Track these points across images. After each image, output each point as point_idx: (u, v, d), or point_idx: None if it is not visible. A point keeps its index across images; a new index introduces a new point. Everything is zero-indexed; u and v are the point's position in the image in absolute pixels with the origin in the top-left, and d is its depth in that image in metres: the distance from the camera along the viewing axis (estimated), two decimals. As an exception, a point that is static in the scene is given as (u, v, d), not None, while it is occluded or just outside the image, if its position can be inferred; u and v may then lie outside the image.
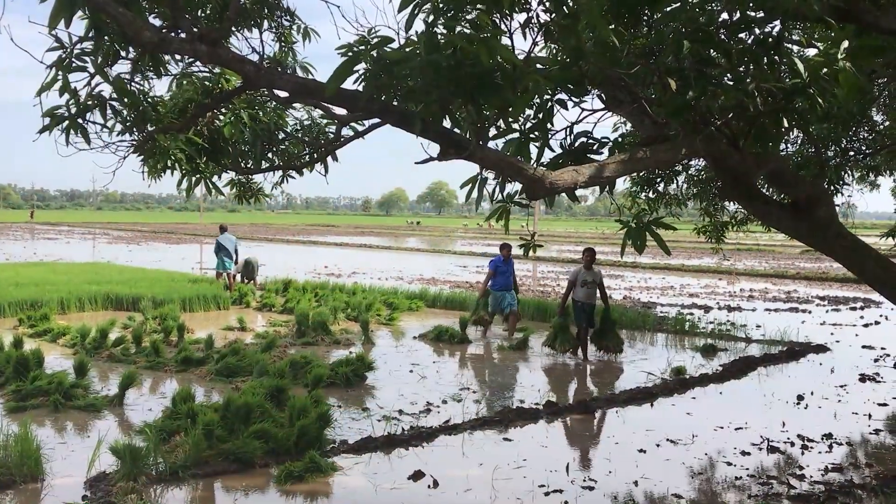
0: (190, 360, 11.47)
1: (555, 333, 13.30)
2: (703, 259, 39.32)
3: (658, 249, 4.51)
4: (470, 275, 29.01)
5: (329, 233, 71.36)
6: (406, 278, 26.68)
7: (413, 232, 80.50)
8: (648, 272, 32.36)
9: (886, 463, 7.92)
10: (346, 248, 47.59)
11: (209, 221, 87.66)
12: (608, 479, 7.25)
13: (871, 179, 13.35)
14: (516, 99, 4.48)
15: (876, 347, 14.72)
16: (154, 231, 67.02)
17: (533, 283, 26.30)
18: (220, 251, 20.24)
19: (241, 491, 6.83)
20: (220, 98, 5.56)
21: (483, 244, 53.12)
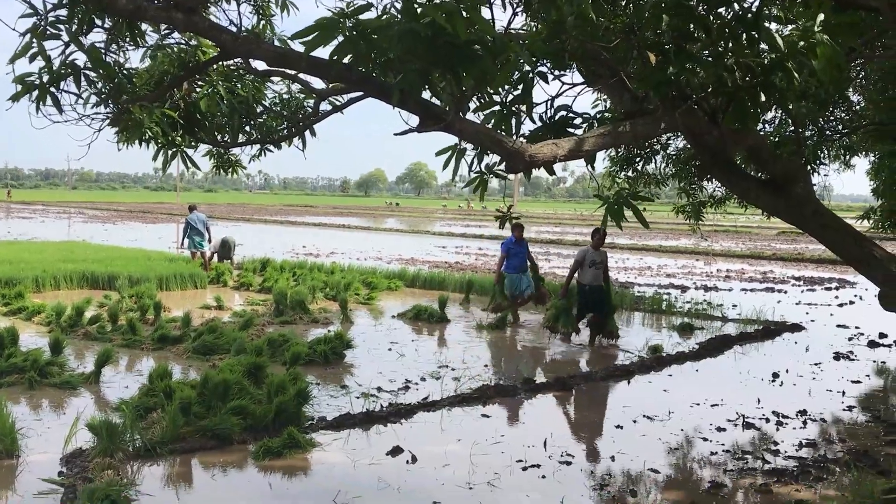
0: (167, 338, 11.40)
1: (557, 314, 12.82)
2: (680, 240, 39.55)
3: (636, 230, 4.52)
4: (449, 255, 29.02)
5: (307, 213, 71.03)
6: (385, 258, 26.65)
7: (392, 213, 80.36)
8: (626, 252, 32.50)
9: (859, 438, 8.02)
10: (325, 229, 47.42)
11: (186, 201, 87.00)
12: (585, 454, 7.31)
13: (846, 159, 13.43)
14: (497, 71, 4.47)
15: (850, 326, 14.88)
16: (130, 210, 66.47)
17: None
18: (189, 231, 20.19)
19: (218, 467, 6.81)
20: (195, 68, 5.49)
21: (462, 225, 53.13)
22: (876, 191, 12.17)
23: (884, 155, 10.98)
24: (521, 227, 14.49)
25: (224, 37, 4.36)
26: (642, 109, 5.04)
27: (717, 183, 11.06)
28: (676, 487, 6.65)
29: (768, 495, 6.40)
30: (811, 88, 9.07)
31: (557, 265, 25.92)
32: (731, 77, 4.48)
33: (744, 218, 61.26)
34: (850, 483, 6.54)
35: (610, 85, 5.37)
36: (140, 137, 5.92)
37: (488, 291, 17.91)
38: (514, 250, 14.39)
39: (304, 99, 6.86)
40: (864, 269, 5.49)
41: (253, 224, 50.61)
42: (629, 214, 4.59)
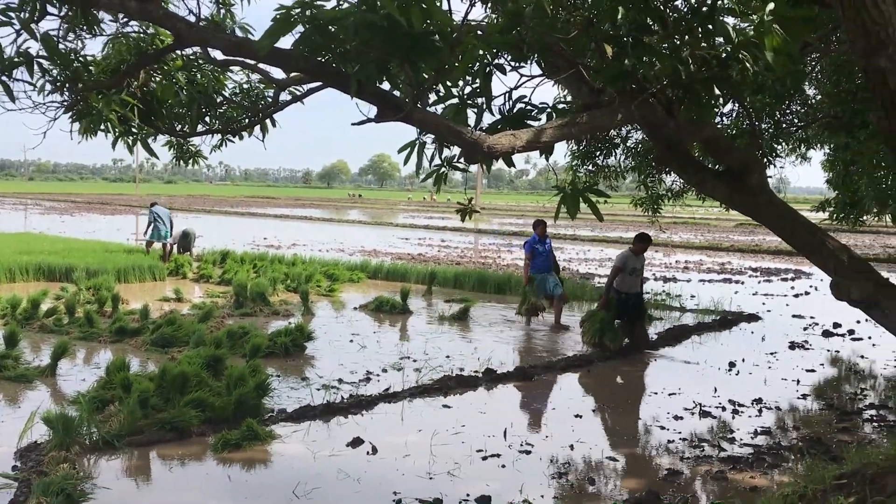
0: (125, 331, 11.27)
1: (601, 329, 11.52)
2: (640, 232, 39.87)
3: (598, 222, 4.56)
4: (412, 247, 29.00)
5: (269, 205, 70.51)
6: (347, 250, 26.57)
7: (354, 204, 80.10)
8: (587, 244, 32.74)
9: (812, 426, 8.18)
10: (286, 220, 47.13)
11: (145, 192, 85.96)
12: (545, 443, 7.36)
13: (802, 152, 13.64)
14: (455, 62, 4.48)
15: (805, 317, 15.14)
16: (88, 202, 65.40)
17: (474, 255, 26.42)
18: (155, 221, 20.08)
19: (176, 459, 6.77)
20: (151, 56, 5.42)
21: (425, 217, 53.11)
22: (830, 182, 12.37)
23: (838, 147, 11.16)
24: (543, 224, 13.90)
25: (179, 25, 4.31)
26: (599, 101, 5.08)
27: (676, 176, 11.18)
28: (634, 475, 6.73)
29: (724, 482, 6.50)
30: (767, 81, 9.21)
31: (520, 256, 26.01)
32: (686, 69, 4.53)
33: (702, 210, 61.97)
34: (803, 470, 6.67)
35: (568, 77, 5.40)
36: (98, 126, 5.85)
37: (450, 283, 18.03)
38: (538, 249, 13.67)
39: (264, 89, 6.81)
40: (817, 258, 5.59)
41: (213, 216, 50.16)
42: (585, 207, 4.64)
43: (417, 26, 3.47)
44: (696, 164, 6.04)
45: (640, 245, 11.88)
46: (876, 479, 4.77)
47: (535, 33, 4.65)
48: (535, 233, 13.82)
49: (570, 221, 44.07)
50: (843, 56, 8.72)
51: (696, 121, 5.33)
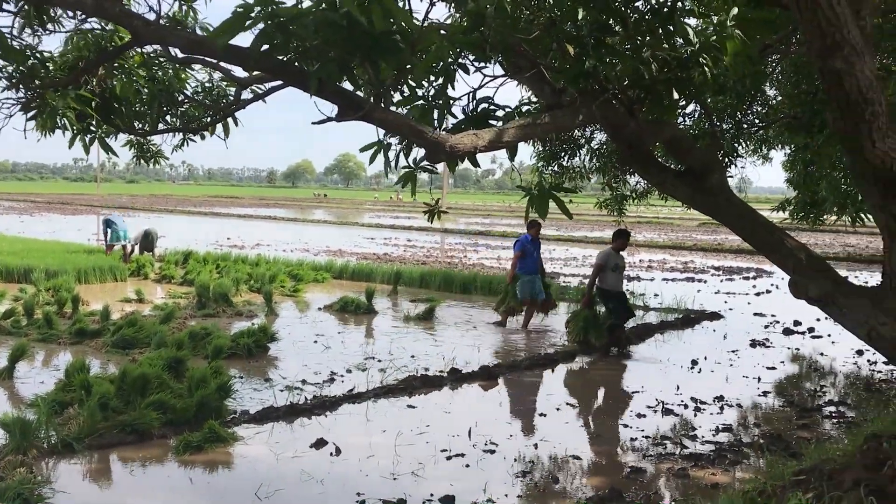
0: (85, 332, 11.12)
1: (585, 327, 11.59)
2: (605, 231, 40.12)
3: (562, 221, 4.58)
4: (377, 246, 28.93)
5: (232, 204, 69.93)
6: (312, 250, 26.44)
7: (320, 204, 79.71)
8: (553, 244, 32.87)
9: (773, 423, 8.28)
10: (251, 220, 46.78)
11: (106, 192, 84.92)
12: (509, 442, 7.38)
13: (763, 152, 13.82)
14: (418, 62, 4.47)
15: (766, 315, 15.34)
16: (49, 202, 64.37)
17: (440, 255, 26.43)
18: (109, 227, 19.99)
19: (137, 462, 6.68)
20: (108, 53, 5.34)
21: (391, 216, 53.01)
22: (791, 182, 12.53)
23: (798, 147, 11.31)
24: (537, 226, 13.44)
25: (136, 23, 4.25)
26: (561, 102, 5.10)
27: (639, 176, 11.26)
28: (598, 473, 6.78)
29: (686, 479, 6.56)
30: (729, 83, 9.31)
31: (486, 256, 26.09)
32: (647, 70, 4.56)
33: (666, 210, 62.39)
34: (764, 466, 6.75)
35: (531, 77, 5.41)
36: (54, 124, 5.75)
37: (416, 283, 18.01)
38: (528, 249, 13.31)
39: (226, 87, 6.74)
40: (776, 257, 5.66)
41: (176, 215, 49.65)
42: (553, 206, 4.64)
43: (378, 25, 3.45)
44: (658, 164, 6.08)
45: (620, 241, 11.89)
46: (833, 475, 4.84)
47: (498, 33, 4.64)
48: (529, 233, 13.44)
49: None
50: (803, 57, 8.83)
51: (657, 121, 5.37)
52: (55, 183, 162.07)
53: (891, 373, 10.43)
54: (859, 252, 30.04)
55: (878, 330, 5.12)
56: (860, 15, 4.35)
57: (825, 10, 3.90)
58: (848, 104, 4.19)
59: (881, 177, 4.46)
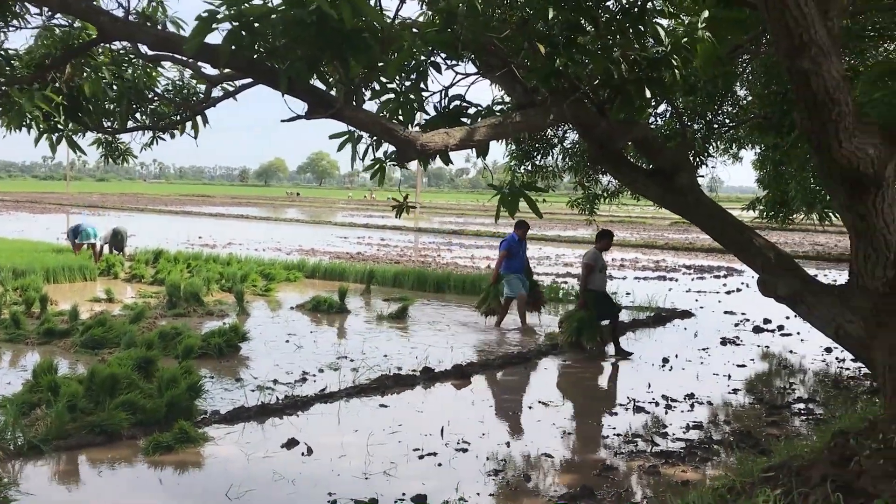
0: (53, 332, 10.99)
1: (579, 328, 11.42)
2: (577, 230, 40.35)
3: (535, 221, 4.59)
4: (350, 245, 28.84)
5: (204, 203, 69.39)
6: (284, 249, 26.31)
7: (293, 203, 79.31)
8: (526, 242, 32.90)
9: (743, 420, 8.35)
10: (222, 219, 46.44)
11: (76, 190, 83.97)
12: (482, 441, 7.38)
13: (734, 152, 13.94)
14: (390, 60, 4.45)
15: (737, 313, 15.47)
16: (17, 200, 63.50)
17: (414, 254, 26.40)
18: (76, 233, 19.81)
19: (106, 463, 6.62)
20: (74, 50, 5.27)
21: (365, 215, 52.87)
22: (761, 181, 12.65)
23: (768, 147, 11.41)
24: (525, 226, 13.56)
25: (103, 19, 4.20)
26: (533, 101, 5.11)
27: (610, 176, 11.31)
28: (570, 471, 6.80)
29: (657, 476, 6.60)
30: (699, 83, 9.38)
31: (460, 255, 26.10)
32: (617, 70, 4.58)
33: (638, 209, 62.91)
34: (734, 463, 6.80)
35: (503, 76, 5.42)
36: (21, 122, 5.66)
37: (389, 282, 17.97)
38: (515, 249, 13.38)
39: (196, 85, 6.68)
40: (745, 256, 5.71)
41: (147, 214, 49.21)
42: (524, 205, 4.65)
43: (348, 23, 3.43)
44: (629, 163, 6.12)
45: (604, 242, 11.90)
46: (801, 471, 4.88)
47: (470, 32, 4.64)
48: (516, 233, 13.50)
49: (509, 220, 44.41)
50: (773, 58, 8.91)
51: (627, 121, 5.39)
52: (24, 181, 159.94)
53: (858, 370, 10.56)
54: (828, 251, 30.40)
55: (845, 328, 5.18)
56: (828, 16, 4.39)
57: (792, 11, 3.94)
58: (815, 104, 4.23)
59: (848, 177, 4.51)
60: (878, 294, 4.87)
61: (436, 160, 4.92)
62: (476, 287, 17.03)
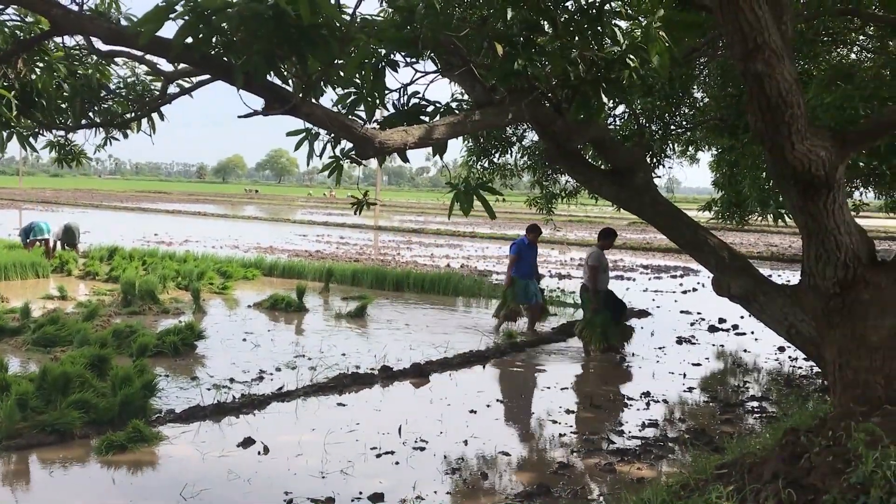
0: (4, 330, 10.79)
1: (604, 332, 11.31)
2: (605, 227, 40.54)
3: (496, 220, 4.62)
4: (309, 243, 28.67)
5: (161, 199, 68.48)
6: (242, 247, 26.07)
7: (251, 200, 78.62)
8: (486, 242, 33.06)
9: (697, 418, 8.46)
10: (179, 216, 45.87)
11: (29, 186, 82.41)
12: (439, 439, 7.39)
13: (691, 153, 14.12)
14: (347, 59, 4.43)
15: (693, 312, 15.66)
16: (-33, 196, 62.18)
17: (373, 252, 26.32)
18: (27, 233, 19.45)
19: (58, 463, 6.51)
20: (25, 43, 5.17)
21: (324, 213, 52.60)
22: (717, 183, 12.81)
23: (723, 149, 11.57)
24: (537, 230, 13.33)
25: (54, 11, 4.12)
26: (492, 100, 5.12)
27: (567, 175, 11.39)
28: (527, 469, 6.83)
29: (612, 474, 6.66)
30: (656, 84, 9.48)
31: (419, 254, 26.08)
32: (575, 70, 4.61)
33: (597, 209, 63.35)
34: (688, 460, 6.88)
35: (462, 75, 5.43)
36: (-30, 117, 5.54)
37: (348, 280, 17.90)
38: (524, 253, 13.12)
39: (151, 81, 6.58)
40: (699, 255, 5.78)
41: (102, 210, 48.44)
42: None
43: (305, 18, 3.41)
44: (585, 163, 6.16)
45: (607, 241, 11.91)
46: (753, 468, 4.95)
47: (429, 30, 4.64)
48: (527, 237, 13.25)
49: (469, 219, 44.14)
50: (729, 61, 9.03)
51: (584, 121, 5.43)
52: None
53: (811, 369, 10.75)
54: (782, 251, 30.88)
55: (797, 327, 5.28)
56: (781, 20, 4.47)
57: (747, 14, 3.99)
58: (768, 106, 4.30)
59: (800, 178, 4.59)
60: (828, 294, 4.96)
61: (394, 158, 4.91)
62: (435, 286, 17.07)
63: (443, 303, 15.99)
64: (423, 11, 4.57)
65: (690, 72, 10.03)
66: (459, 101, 6.03)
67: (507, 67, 4.58)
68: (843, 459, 4.38)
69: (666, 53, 4.43)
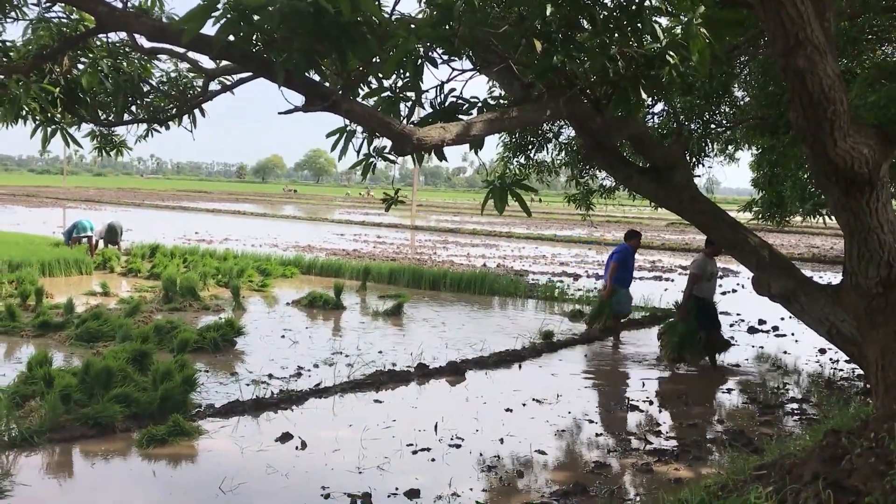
0: (48, 325, 10.99)
1: (681, 342, 10.64)
2: (574, 230, 40.37)
3: (533, 219, 4.62)
4: (347, 242, 28.83)
5: (201, 199, 69.32)
6: (281, 245, 26.28)
7: (290, 199, 79.22)
8: (522, 242, 32.97)
9: (736, 419, 8.37)
10: (219, 215, 46.39)
11: (73, 185, 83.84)
12: (475, 437, 7.39)
13: (730, 152, 13.96)
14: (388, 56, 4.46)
15: (732, 314, 15.46)
16: (13, 194, 63.29)
17: (410, 251, 26.40)
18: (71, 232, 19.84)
19: (100, 455, 6.62)
20: (71, 40, 5.27)
21: (361, 213, 52.84)
22: (756, 183, 12.67)
23: (764, 148, 11.44)
24: (638, 236, 12.90)
25: (100, 9, 4.20)
26: (529, 96, 5.12)
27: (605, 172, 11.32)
28: (562, 468, 6.81)
29: (649, 474, 6.62)
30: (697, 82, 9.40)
31: (455, 253, 26.09)
32: (614, 67, 4.59)
33: (635, 210, 62.95)
34: (726, 462, 6.81)
35: (500, 72, 5.43)
36: (17, 114, 5.66)
37: (385, 279, 17.98)
38: (628, 262, 12.57)
39: (193, 78, 6.68)
40: (739, 254, 5.73)
41: (143, 209, 49.12)
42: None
43: (346, 14, 3.44)
44: (623, 159, 6.13)
45: (713, 248, 11.39)
46: (793, 469, 4.90)
47: (467, 28, 4.65)
48: (629, 244, 12.70)
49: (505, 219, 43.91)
50: (771, 59, 8.93)
51: (622, 117, 5.41)
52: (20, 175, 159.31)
53: (852, 371, 10.59)
54: (824, 253, 30.42)
55: (838, 327, 5.21)
56: (824, 16, 4.41)
57: (788, 9, 3.95)
58: (810, 103, 4.24)
59: (842, 176, 4.53)
60: (871, 293, 4.88)
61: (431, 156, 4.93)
62: (472, 285, 17.08)
63: (479, 302, 15.99)
64: (462, 8, 4.58)
65: (731, 70, 9.93)
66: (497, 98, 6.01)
67: (546, 63, 4.57)
68: (885, 461, 4.31)
69: (706, 50, 4.40)
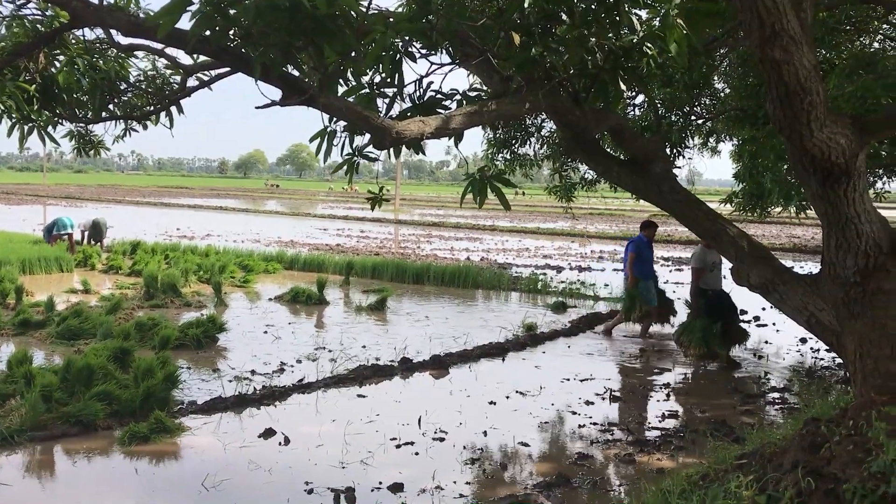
0: (28, 323, 10.91)
1: (704, 338, 10.51)
2: (557, 223, 40.44)
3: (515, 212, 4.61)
4: (330, 237, 28.76)
5: (182, 195, 68.94)
6: (263, 241, 26.19)
7: (272, 195, 78.93)
8: (506, 235, 33.02)
9: (718, 409, 8.42)
10: (201, 211, 46.15)
11: (53, 182, 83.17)
12: (459, 430, 7.41)
13: (712, 145, 14.02)
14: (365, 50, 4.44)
15: (713, 304, 15.54)
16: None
17: (393, 246, 26.38)
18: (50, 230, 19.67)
19: (82, 454, 6.59)
20: (45, 37, 5.22)
21: (345, 208, 52.74)
22: (737, 175, 12.72)
23: (744, 140, 11.48)
24: (653, 226, 12.58)
25: (74, 3, 4.17)
26: (508, 89, 5.12)
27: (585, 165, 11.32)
28: (546, 460, 6.83)
29: (632, 465, 6.65)
30: (676, 74, 9.42)
31: (439, 247, 26.08)
32: (592, 59, 4.59)
33: (617, 202, 63.17)
34: (708, 451, 6.85)
35: (479, 65, 5.42)
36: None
37: (368, 273, 17.95)
38: (645, 253, 12.28)
39: (170, 75, 6.63)
40: (718, 245, 5.75)
41: (125, 206, 48.79)
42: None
43: (322, 8, 3.43)
44: (603, 152, 6.14)
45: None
46: (773, 458, 4.94)
47: (445, 21, 4.64)
48: (644, 234, 12.45)
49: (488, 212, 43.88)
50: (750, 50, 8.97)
51: (602, 110, 5.41)
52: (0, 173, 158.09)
53: (833, 360, 10.67)
54: (804, 243, 30.64)
55: (817, 316, 5.24)
56: (801, 6, 4.42)
57: (765, 0, 3.96)
58: (787, 93, 4.26)
59: (819, 166, 4.55)
60: (849, 283, 4.91)
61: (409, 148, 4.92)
62: (455, 279, 17.10)
63: (462, 295, 16.00)
64: (440, 1, 4.57)
65: (711, 62, 9.96)
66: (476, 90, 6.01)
67: (524, 56, 4.57)
68: (863, 449, 4.36)
69: (684, 41, 4.41)
